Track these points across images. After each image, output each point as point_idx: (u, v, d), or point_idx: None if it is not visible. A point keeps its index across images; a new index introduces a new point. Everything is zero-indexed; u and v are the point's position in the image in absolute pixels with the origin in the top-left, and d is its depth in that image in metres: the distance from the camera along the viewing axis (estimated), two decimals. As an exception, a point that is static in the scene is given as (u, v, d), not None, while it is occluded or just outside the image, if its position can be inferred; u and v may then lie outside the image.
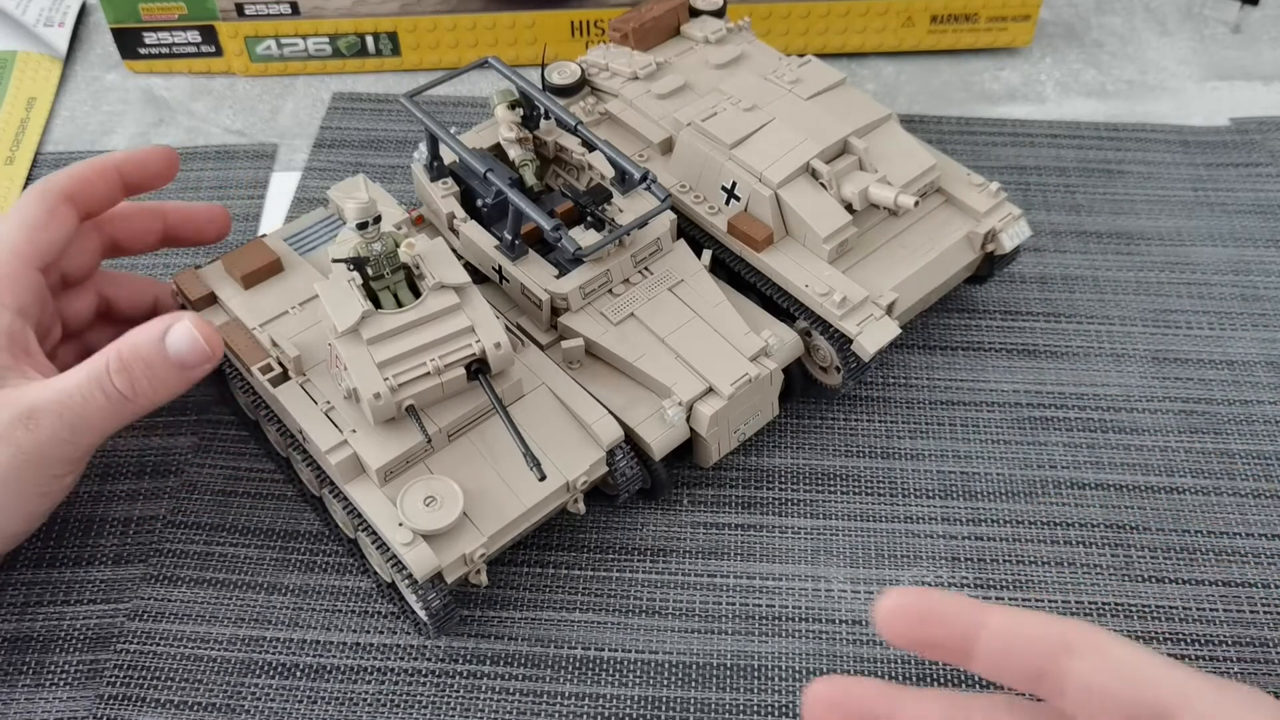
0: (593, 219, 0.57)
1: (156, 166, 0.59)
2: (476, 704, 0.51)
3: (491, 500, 0.50)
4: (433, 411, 0.51)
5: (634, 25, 0.68)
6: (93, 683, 0.51)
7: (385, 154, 0.76)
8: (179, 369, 0.50)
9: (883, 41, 0.83)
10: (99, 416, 0.49)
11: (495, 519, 0.50)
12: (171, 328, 0.49)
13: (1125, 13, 0.89)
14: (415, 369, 0.49)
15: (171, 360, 0.49)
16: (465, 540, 0.49)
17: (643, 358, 0.55)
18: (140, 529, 0.57)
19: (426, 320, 0.50)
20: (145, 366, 0.49)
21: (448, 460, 0.51)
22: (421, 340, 0.49)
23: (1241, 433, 0.61)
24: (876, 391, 0.63)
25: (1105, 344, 0.65)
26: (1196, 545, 0.56)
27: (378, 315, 0.49)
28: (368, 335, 0.49)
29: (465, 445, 0.52)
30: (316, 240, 0.58)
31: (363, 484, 0.50)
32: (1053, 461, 0.60)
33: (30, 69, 0.82)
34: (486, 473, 0.51)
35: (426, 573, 0.47)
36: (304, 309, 0.55)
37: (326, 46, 0.81)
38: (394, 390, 0.48)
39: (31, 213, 0.54)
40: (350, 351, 0.49)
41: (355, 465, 0.50)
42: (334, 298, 0.49)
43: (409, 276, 0.51)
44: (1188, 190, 0.74)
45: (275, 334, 0.53)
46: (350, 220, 0.49)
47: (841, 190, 0.59)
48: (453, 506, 0.49)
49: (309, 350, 0.53)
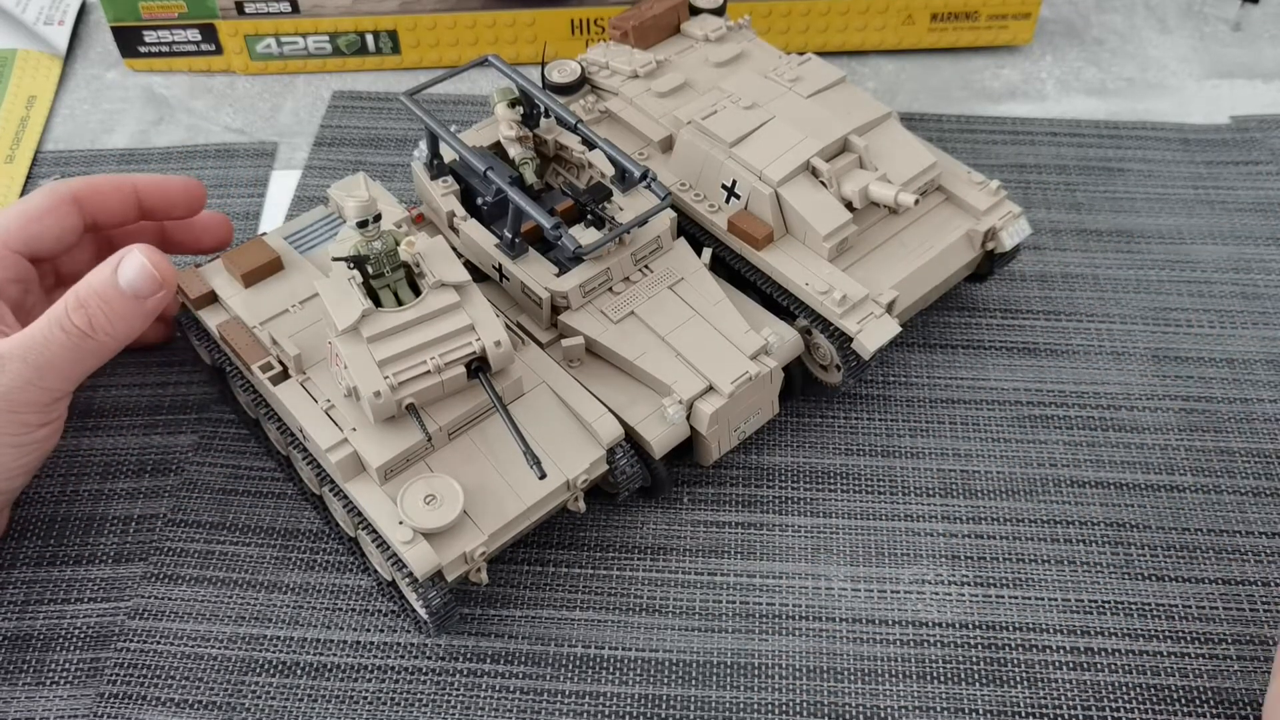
0: (593, 217, 0.57)
1: (178, 196, 0.59)
2: (477, 702, 0.51)
3: (492, 498, 0.50)
4: (433, 410, 0.51)
5: (634, 23, 0.68)
6: (93, 681, 0.51)
7: (385, 152, 0.76)
8: (133, 300, 0.51)
9: (883, 39, 0.83)
10: (62, 356, 0.50)
11: (495, 517, 0.50)
12: (122, 260, 0.51)
13: (1126, 10, 0.89)
14: (415, 367, 0.49)
15: (125, 293, 0.51)
16: (465, 538, 0.49)
17: (643, 356, 0.55)
18: (141, 527, 0.57)
19: (427, 318, 0.50)
20: (100, 301, 0.50)
21: (448, 459, 0.51)
22: (422, 339, 0.49)
23: (1241, 431, 0.61)
24: (877, 390, 0.63)
25: (1105, 342, 0.65)
26: (1196, 543, 0.56)
27: (378, 313, 0.49)
28: (368, 333, 0.49)
29: (465, 443, 0.52)
30: (316, 239, 0.58)
31: (363, 482, 0.50)
32: (1053, 460, 0.60)
33: (30, 67, 0.82)
34: (487, 471, 0.51)
35: (427, 571, 0.47)
36: (304, 307, 0.54)
37: (326, 45, 0.81)
38: (394, 388, 0.48)
39: (33, 203, 0.56)
40: (350, 350, 0.49)
41: (355, 463, 0.50)
42: (334, 296, 0.49)
43: (409, 275, 0.51)
44: (1188, 188, 0.74)
45: (275, 332, 0.53)
46: (350, 219, 0.49)
47: (842, 188, 0.59)
48: (453, 505, 0.49)
49: (309, 349, 0.53)
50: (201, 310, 0.56)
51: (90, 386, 0.62)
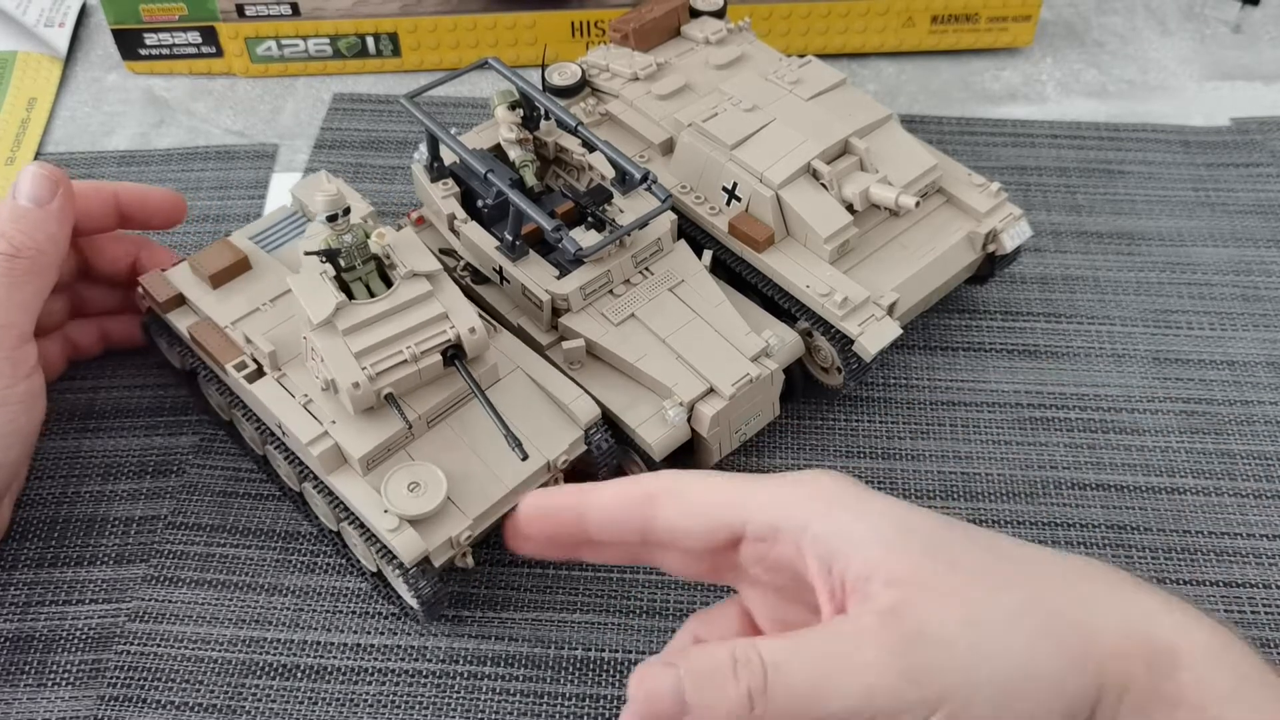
0: (593, 219, 0.57)
1: (158, 205, 0.60)
2: (477, 705, 0.51)
3: (474, 483, 0.51)
4: (411, 399, 0.51)
5: (634, 26, 0.68)
6: (94, 683, 0.51)
7: (385, 155, 0.76)
8: (40, 210, 0.54)
9: (883, 42, 0.83)
10: (1, 286, 0.52)
11: (479, 501, 0.50)
12: (16, 183, 0.54)
13: (1126, 12, 0.89)
14: (392, 357, 0.49)
15: (30, 206, 0.53)
16: (450, 524, 0.50)
17: (643, 358, 0.55)
18: (141, 529, 0.57)
19: (400, 309, 0.50)
20: (12, 220, 0.53)
21: (428, 446, 0.52)
22: (396, 329, 0.50)
23: (1242, 433, 0.61)
24: (877, 392, 0.63)
25: (1106, 344, 0.65)
26: (1197, 546, 0.56)
27: (352, 306, 0.50)
28: (343, 326, 0.49)
29: (445, 431, 0.52)
30: (283, 238, 0.59)
31: (345, 474, 0.50)
32: (1054, 462, 0.60)
33: (31, 69, 0.82)
34: (467, 457, 0.51)
35: (414, 557, 0.48)
36: (275, 305, 0.55)
37: (327, 47, 0.81)
38: (372, 379, 0.49)
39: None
40: (326, 343, 0.49)
41: (337, 456, 0.50)
42: (307, 291, 0.50)
43: (380, 267, 0.52)
44: (1188, 190, 0.74)
45: (248, 331, 0.54)
46: (320, 213, 0.50)
47: (842, 191, 0.59)
48: (436, 491, 0.49)
49: (283, 345, 0.53)
50: (170, 314, 0.56)
51: (91, 388, 0.62)
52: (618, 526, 0.40)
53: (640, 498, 0.40)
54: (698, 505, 0.39)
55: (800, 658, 0.36)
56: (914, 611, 0.35)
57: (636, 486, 0.40)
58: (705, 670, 0.36)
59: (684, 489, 0.40)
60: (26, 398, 0.52)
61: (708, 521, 0.39)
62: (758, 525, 0.38)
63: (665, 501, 0.40)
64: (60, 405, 0.61)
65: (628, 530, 0.40)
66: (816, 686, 0.35)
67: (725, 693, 0.35)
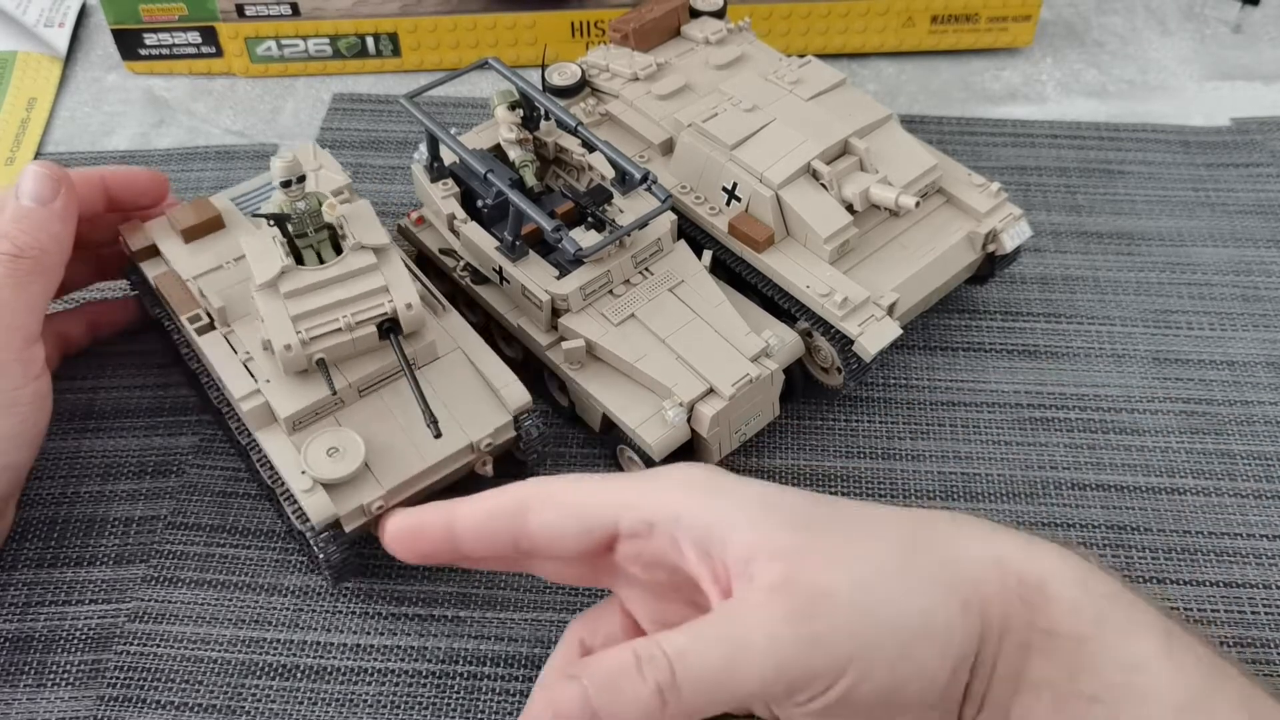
0: (593, 220, 0.57)
1: (143, 186, 0.60)
2: (477, 705, 0.51)
3: (395, 455, 0.51)
4: (344, 367, 0.52)
5: (634, 26, 0.68)
6: (94, 683, 0.51)
7: (385, 155, 0.76)
8: (43, 209, 0.53)
9: (883, 42, 0.83)
10: (6, 288, 0.51)
11: (396, 473, 0.51)
12: (18, 183, 0.54)
13: (1126, 12, 0.89)
14: (328, 324, 0.50)
15: (33, 206, 0.53)
16: (364, 491, 0.50)
17: (643, 358, 0.55)
18: (141, 530, 0.57)
19: (343, 278, 0.51)
20: (15, 220, 0.52)
21: (357, 415, 0.52)
22: (336, 297, 0.51)
23: (1242, 433, 0.61)
24: (877, 392, 0.63)
25: (1106, 345, 0.65)
26: (1198, 546, 0.56)
27: (297, 271, 0.51)
28: (285, 289, 0.50)
29: (376, 402, 0.53)
30: (262, 201, 0.60)
31: (272, 432, 0.52)
32: (1054, 462, 0.60)
33: (30, 69, 0.82)
34: (394, 429, 0.52)
35: (323, 520, 0.49)
36: (238, 264, 0.56)
37: (327, 47, 0.81)
38: (305, 343, 0.50)
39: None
40: (267, 304, 0.50)
41: (266, 413, 0.51)
42: (257, 251, 0.51)
43: (333, 237, 0.53)
44: (1188, 190, 0.74)
45: (205, 286, 0.55)
46: (275, 178, 0.50)
47: (842, 191, 0.59)
48: (354, 457, 0.50)
49: (235, 303, 0.54)
50: (143, 263, 0.58)
51: (91, 388, 0.62)
52: (490, 538, 0.41)
53: (511, 506, 0.40)
54: (570, 508, 0.40)
55: (703, 645, 0.36)
56: (802, 580, 0.36)
57: (505, 496, 0.41)
58: (610, 675, 0.36)
59: (554, 493, 0.40)
60: (36, 399, 0.52)
61: (581, 523, 0.39)
62: (630, 522, 0.39)
63: (537, 508, 0.40)
64: (60, 405, 0.61)
65: (500, 541, 0.41)
66: (724, 671, 0.35)
67: (635, 693, 0.35)
